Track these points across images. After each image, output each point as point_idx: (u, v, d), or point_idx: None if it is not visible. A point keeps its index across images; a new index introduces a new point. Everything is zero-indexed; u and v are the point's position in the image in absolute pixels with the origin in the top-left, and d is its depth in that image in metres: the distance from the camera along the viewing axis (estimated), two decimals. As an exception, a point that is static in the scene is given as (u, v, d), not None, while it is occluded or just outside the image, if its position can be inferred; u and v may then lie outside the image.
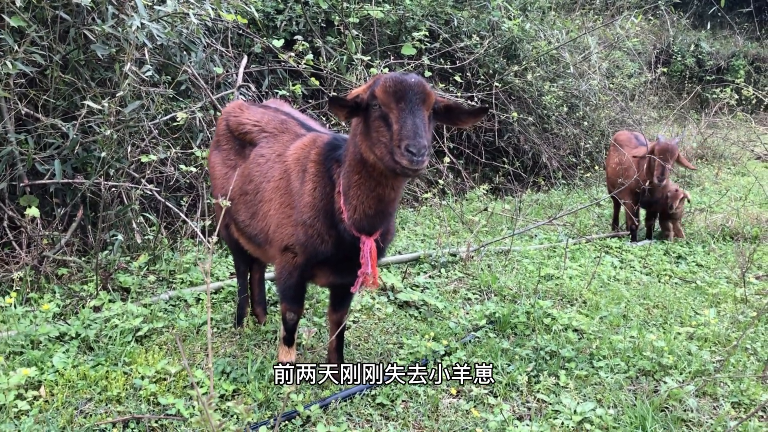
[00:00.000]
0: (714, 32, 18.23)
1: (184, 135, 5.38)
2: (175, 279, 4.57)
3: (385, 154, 2.53)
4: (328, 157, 2.99)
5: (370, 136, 2.59)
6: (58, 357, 3.32)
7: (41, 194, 4.60)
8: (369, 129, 2.60)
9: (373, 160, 2.63)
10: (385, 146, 2.53)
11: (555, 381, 3.42)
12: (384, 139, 2.54)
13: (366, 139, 2.63)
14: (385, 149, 2.52)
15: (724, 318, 4.40)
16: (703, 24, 17.82)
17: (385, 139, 2.53)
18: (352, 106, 2.64)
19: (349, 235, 2.88)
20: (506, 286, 4.80)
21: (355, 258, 2.93)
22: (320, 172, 2.98)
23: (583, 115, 9.64)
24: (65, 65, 4.69)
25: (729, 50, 17.28)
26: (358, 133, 2.70)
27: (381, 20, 7.54)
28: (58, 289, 4.15)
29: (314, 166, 3.01)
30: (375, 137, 2.57)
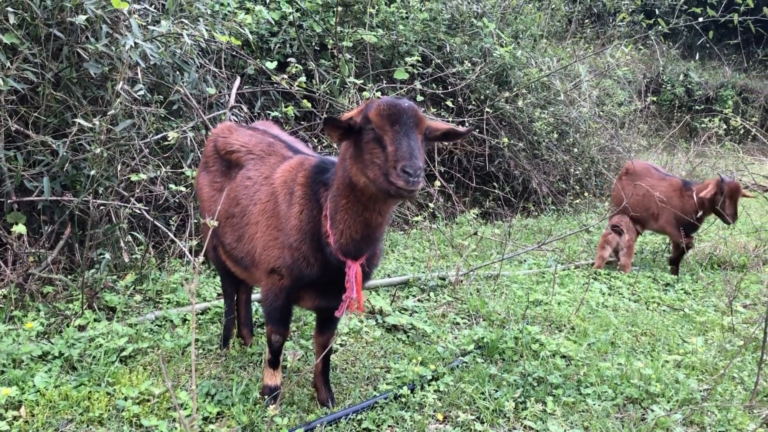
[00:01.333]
0: (703, 63, 18.50)
1: (175, 154, 5.38)
2: (161, 299, 4.54)
3: (379, 176, 2.53)
4: (316, 180, 2.99)
5: (363, 158, 2.60)
6: (40, 376, 3.28)
7: (29, 211, 4.57)
8: (361, 151, 2.60)
9: (364, 183, 2.64)
10: (379, 168, 2.53)
11: (542, 408, 3.40)
12: (378, 161, 2.54)
13: (357, 162, 2.63)
14: (379, 171, 2.53)
15: (712, 346, 4.40)
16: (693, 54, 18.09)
17: (379, 160, 2.54)
18: (345, 127, 2.66)
19: (335, 258, 2.87)
20: (495, 311, 4.79)
21: (341, 282, 2.92)
22: (307, 195, 2.97)
23: (573, 141, 9.71)
24: (57, 83, 4.69)
25: (717, 81, 17.52)
26: (348, 156, 2.70)
27: (374, 45, 7.60)
28: (42, 307, 4.10)
29: (301, 188, 3.00)
30: (368, 159, 2.57)
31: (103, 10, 4.49)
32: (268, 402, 3.22)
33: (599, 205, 9.69)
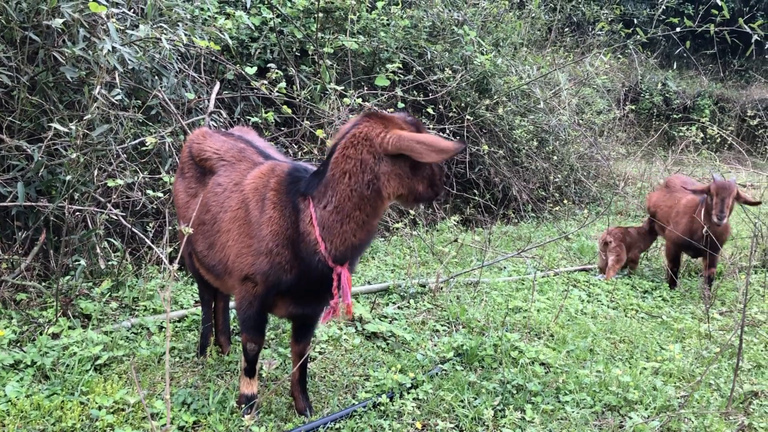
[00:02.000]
0: (680, 72, 18.74)
1: (153, 160, 5.32)
2: (138, 306, 4.48)
3: (428, 188, 2.90)
4: (291, 188, 2.98)
5: (415, 175, 2.85)
6: (12, 386, 3.21)
7: (2, 217, 4.49)
8: (413, 169, 2.83)
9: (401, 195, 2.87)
10: (427, 182, 2.88)
11: (521, 415, 3.39)
12: (427, 176, 2.88)
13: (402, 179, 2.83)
14: (428, 183, 2.89)
15: (689, 353, 4.43)
16: (670, 64, 18.32)
17: (427, 175, 2.88)
18: None
19: (324, 265, 2.87)
20: (474, 318, 4.79)
21: (320, 288, 2.94)
22: (282, 201, 2.96)
23: (553, 149, 9.77)
24: (33, 87, 4.62)
25: (695, 90, 17.76)
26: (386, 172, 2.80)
27: (355, 51, 7.60)
28: (15, 314, 4.03)
29: (275, 195, 2.98)
30: (420, 176, 2.87)
31: (81, 14, 4.43)
32: (245, 411, 3.19)
33: (578, 212, 9.76)
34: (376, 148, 2.76)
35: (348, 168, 2.79)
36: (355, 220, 2.82)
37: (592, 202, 10.36)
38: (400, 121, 2.84)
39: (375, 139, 2.76)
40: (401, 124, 2.83)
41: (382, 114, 2.89)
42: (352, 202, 2.80)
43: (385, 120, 2.82)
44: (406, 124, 2.85)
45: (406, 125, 2.85)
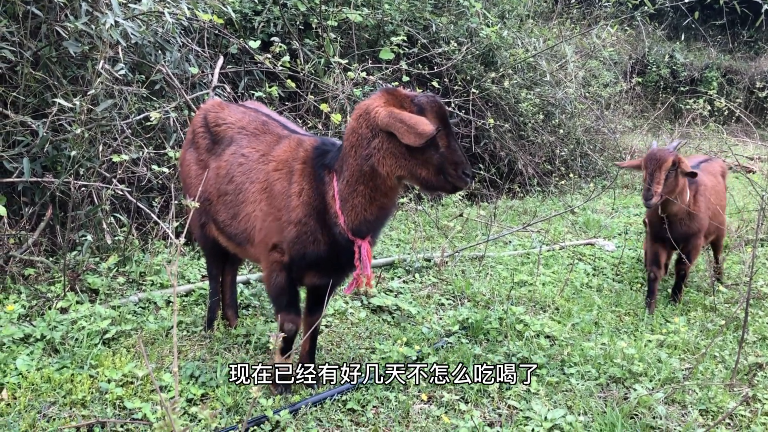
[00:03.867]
0: (688, 44, 18.52)
1: (158, 135, 5.31)
2: (145, 281, 4.50)
3: (434, 175, 2.74)
4: (318, 162, 3.01)
5: (412, 157, 2.73)
6: (22, 359, 3.25)
7: (9, 193, 4.50)
8: (410, 151, 2.72)
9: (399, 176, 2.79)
10: (434, 167, 2.73)
11: (526, 387, 3.42)
12: (433, 161, 2.72)
13: (398, 159, 2.75)
14: (434, 170, 2.73)
15: (694, 326, 4.44)
16: (678, 35, 18.10)
17: (434, 161, 2.72)
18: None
19: (344, 238, 2.93)
20: (480, 292, 4.80)
21: (344, 260, 3.00)
22: (310, 173, 3.00)
23: (559, 122, 9.71)
24: (36, 62, 4.60)
25: (702, 62, 17.56)
26: (379, 149, 2.76)
27: (359, 24, 7.52)
28: (24, 289, 4.06)
29: (303, 167, 3.02)
30: (420, 159, 2.72)
31: (82, -12, 4.40)
32: (280, 390, 3.21)
33: (584, 186, 9.72)
34: (371, 122, 2.76)
35: (353, 141, 2.82)
36: (362, 195, 2.84)
37: (598, 175, 10.31)
38: (404, 99, 2.78)
39: (371, 113, 2.76)
40: (404, 101, 2.77)
41: (395, 90, 2.85)
42: (356, 176, 2.82)
43: (391, 95, 2.80)
44: (409, 103, 2.77)
45: (409, 104, 2.76)
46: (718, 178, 5.34)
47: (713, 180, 5.18)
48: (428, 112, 2.74)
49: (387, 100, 2.77)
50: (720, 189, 5.25)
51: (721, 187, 5.30)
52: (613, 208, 8.24)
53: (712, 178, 5.20)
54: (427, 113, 2.74)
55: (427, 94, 2.82)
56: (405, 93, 2.83)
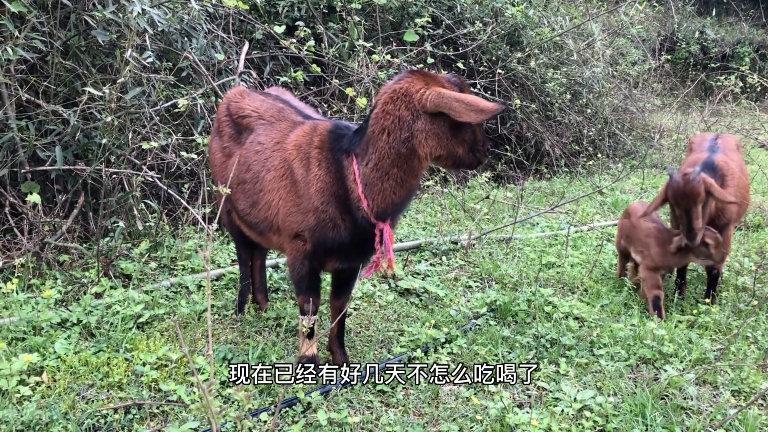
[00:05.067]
0: (719, 19, 18.10)
1: (185, 122, 5.37)
2: (176, 266, 4.58)
3: (467, 152, 2.88)
4: (335, 146, 3.01)
5: (453, 136, 2.82)
6: (60, 343, 3.34)
7: (42, 181, 4.59)
8: (452, 130, 2.80)
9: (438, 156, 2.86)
10: (468, 145, 2.87)
11: (555, 369, 3.43)
12: (467, 139, 2.85)
13: (440, 139, 2.81)
14: (468, 148, 2.87)
15: (726, 307, 4.39)
16: (708, 11, 17.69)
17: (467, 138, 2.86)
18: None
19: (367, 222, 2.94)
20: (507, 274, 4.80)
21: (365, 243, 3.01)
22: (327, 158, 3.00)
23: (587, 102, 9.59)
24: (66, 51, 4.67)
25: (734, 37, 17.14)
26: (422, 130, 2.79)
27: (383, 6, 7.49)
28: (59, 275, 4.16)
29: (319, 152, 3.02)
30: (459, 138, 2.84)
31: (109, -24, 4.44)
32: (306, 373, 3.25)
33: (612, 166, 9.61)
34: (415, 104, 2.75)
35: (386, 125, 2.81)
36: (394, 177, 2.84)
37: (627, 155, 10.18)
38: (442, 80, 2.83)
39: (414, 96, 2.76)
40: (443, 82, 2.82)
41: (425, 72, 2.89)
42: (390, 159, 2.81)
43: (427, 77, 2.81)
44: (448, 83, 2.83)
45: (449, 84, 2.83)
46: (738, 153, 4.93)
47: (735, 158, 4.75)
48: (465, 90, 2.86)
49: (426, 81, 2.79)
50: (743, 166, 4.88)
51: (742, 163, 4.91)
52: (642, 188, 8.14)
53: (734, 155, 4.78)
54: (465, 91, 2.84)
55: (454, 74, 2.89)
56: (437, 74, 2.87)
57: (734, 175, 4.50)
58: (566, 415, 3.03)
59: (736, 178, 4.52)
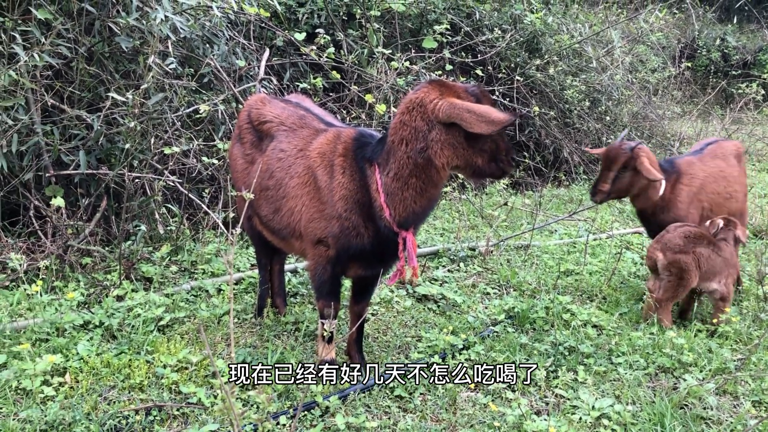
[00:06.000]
0: (740, 26, 17.93)
1: (207, 127, 5.43)
2: (196, 269, 4.62)
3: (488, 162, 2.84)
4: (358, 155, 3.03)
5: (470, 147, 2.79)
6: (83, 345, 3.39)
7: (66, 184, 4.67)
8: (468, 141, 2.77)
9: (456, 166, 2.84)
10: (489, 155, 2.82)
11: (573, 376, 3.42)
12: (487, 149, 2.81)
13: (456, 149, 2.79)
14: (488, 158, 2.82)
15: (746, 316, 4.36)
16: (730, 18, 17.54)
17: (488, 149, 2.81)
18: None
19: (389, 230, 2.96)
20: (525, 281, 4.79)
21: (388, 251, 3.03)
22: (351, 166, 3.03)
23: (606, 109, 9.55)
24: (90, 57, 4.75)
25: (756, 44, 16.97)
26: (438, 141, 2.78)
27: (402, 13, 7.52)
28: (82, 278, 4.22)
29: (343, 160, 3.04)
30: (477, 148, 2.80)
31: (134, -16, 4.51)
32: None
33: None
34: (429, 114, 2.76)
35: (404, 135, 2.82)
36: (414, 187, 2.85)
37: (646, 163, 10.10)
38: (459, 90, 2.81)
39: (428, 106, 2.76)
40: (460, 92, 2.80)
41: (443, 81, 2.87)
42: (408, 169, 2.83)
43: (443, 87, 2.81)
44: (465, 93, 2.81)
45: (465, 95, 2.80)
46: (729, 160, 4.80)
47: (720, 164, 4.71)
48: (484, 101, 2.80)
49: (442, 91, 2.78)
50: (729, 173, 4.73)
51: (732, 170, 4.76)
52: (662, 196, 8.07)
53: (720, 162, 4.73)
54: (484, 102, 2.79)
55: (475, 84, 2.84)
56: (455, 84, 2.85)
57: (696, 178, 4.53)
58: (584, 423, 3.03)
59: (698, 182, 4.52)
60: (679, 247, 4.05)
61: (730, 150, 4.91)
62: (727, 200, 4.65)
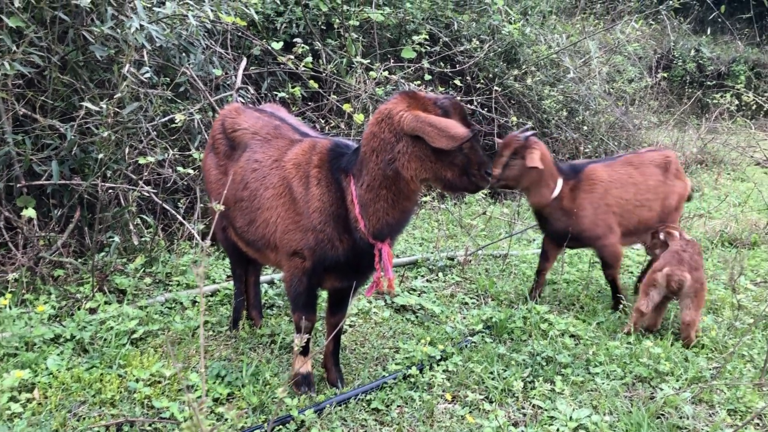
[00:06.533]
0: (715, 37, 18.21)
1: (182, 137, 5.37)
2: (171, 281, 4.56)
3: (459, 176, 2.77)
4: (334, 165, 3.01)
5: (438, 160, 2.74)
6: (53, 359, 3.32)
7: (38, 195, 4.59)
8: (435, 153, 2.73)
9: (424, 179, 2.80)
10: (458, 169, 2.76)
11: (551, 387, 3.41)
12: (457, 163, 2.74)
13: (423, 162, 2.75)
14: (458, 171, 2.77)
15: (722, 325, 4.39)
16: (704, 29, 17.80)
17: (458, 162, 2.74)
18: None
19: (365, 242, 2.93)
20: (503, 291, 4.79)
21: (364, 263, 3.01)
22: (326, 177, 3.00)
23: (583, 119, 9.62)
24: (64, 66, 4.68)
25: (729, 55, 17.26)
26: (404, 153, 2.76)
27: (381, 23, 7.53)
28: (53, 290, 4.14)
29: (319, 171, 3.02)
30: (446, 161, 2.74)
31: (108, -8, 4.46)
32: (304, 389, 3.24)
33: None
34: (395, 126, 2.75)
35: (374, 146, 2.82)
36: (385, 199, 2.84)
37: (623, 172, 10.19)
38: (427, 102, 2.78)
39: (395, 117, 2.76)
40: (427, 105, 2.77)
41: (414, 93, 2.85)
42: (379, 180, 2.82)
43: (412, 99, 2.79)
44: (433, 106, 2.77)
45: (433, 107, 2.77)
46: (647, 169, 4.72)
47: (626, 172, 4.65)
48: (453, 114, 2.75)
49: (409, 103, 2.76)
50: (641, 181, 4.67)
51: (647, 179, 4.68)
52: (639, 205, 8.14)
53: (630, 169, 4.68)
54: (452, 115, 2.74)
55: (448, 96, 2.82)
56: (425, 96, 2.82)
57: (598, 183, 4.52)
58: (562, 434, 3.01)
59: (601, 187, 4.50)
60: (698, 264, 4.07)
61: (652, 159, 4.82)
62: (637, 208, 4.61)
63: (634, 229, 4.67)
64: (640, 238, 4.78)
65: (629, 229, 4.65)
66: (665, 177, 4.80)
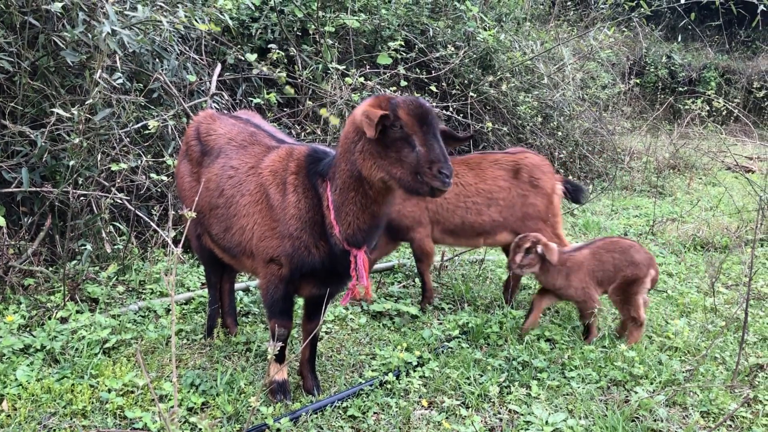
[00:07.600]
0: (686, 44, 18.52)
1: (156, 143, 5.32)
2: (145, 289, 4.50)
3: (408, 175, 2.66)
4: (311, 170, 3.00)
5: (387, 156, 2.69)
6: (22, 370, 3.25)
7: (8, 203, 4.50)
8: (385, 149, 2.69)
9: (379, 179, 2.74)
10: (409, 167, 2.65)
11: (527, 391, 3.42)
12: (408, 160, 2.65)
13: (375, 158, 2.72)
14: (409, 170, 2.66)
15: (695, 327, 4.44)
16: (675, 36, 18.07)
17: (409, 160, 2.65)
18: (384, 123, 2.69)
19: (339, 248, 2.92)
20: (480, 296, 4.80)
21: (341, 270, 2.99)
22: (303, 184, 2.99)
23: (558, 125, 9.71)
24: (34, 72, 4.61)
25: (700, 62, 17.56)
26: (359, 151, 2.75)
27: (357, 29, 7.54)
28: (23, 299, 4.06)
29: (295, 178, 3.00)
30: (394, 157, 2.67)
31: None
32: (279, 397, 3.21)
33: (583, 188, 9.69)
34: (356, 124, 2.79)
35: (345, 147, 2.85)
36: (353, 202, 2.83)
37: (597, 177, 10.31)
38: (383, 100, 2.77)
39: (356, 116, 2.79)
40: (381, 102, 2.77)
41: (382, 96, 2.86)
42: (348, 183, 2.82)
43: (375, 99, 2.82)
44: (386, 102, 2.74)
45: (386, 104, 2.74)
46: (485, 171, 4.60)
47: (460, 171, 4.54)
48: (401, 109, 2.68)
49: (371, 103, 2.80)
50: (470, 182, 4.55)
51: (479, 182, 4.56)
52: (613, 210, 8.24)
53: (463, 168, 4.57)
54: (400, 110, 2.68)
55: (410, 96, 2.80)
56: (387, 96, 2.83)
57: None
58: (538, 439, 3.02)
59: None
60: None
61: (497, 161, 4.66)
62: (458, 209, 4.51)
63: (457, 229, 4.56)
64: (470, 241, 4.65)
65: (449, 229, 4.55)
66: (512, 182, 4.63)
